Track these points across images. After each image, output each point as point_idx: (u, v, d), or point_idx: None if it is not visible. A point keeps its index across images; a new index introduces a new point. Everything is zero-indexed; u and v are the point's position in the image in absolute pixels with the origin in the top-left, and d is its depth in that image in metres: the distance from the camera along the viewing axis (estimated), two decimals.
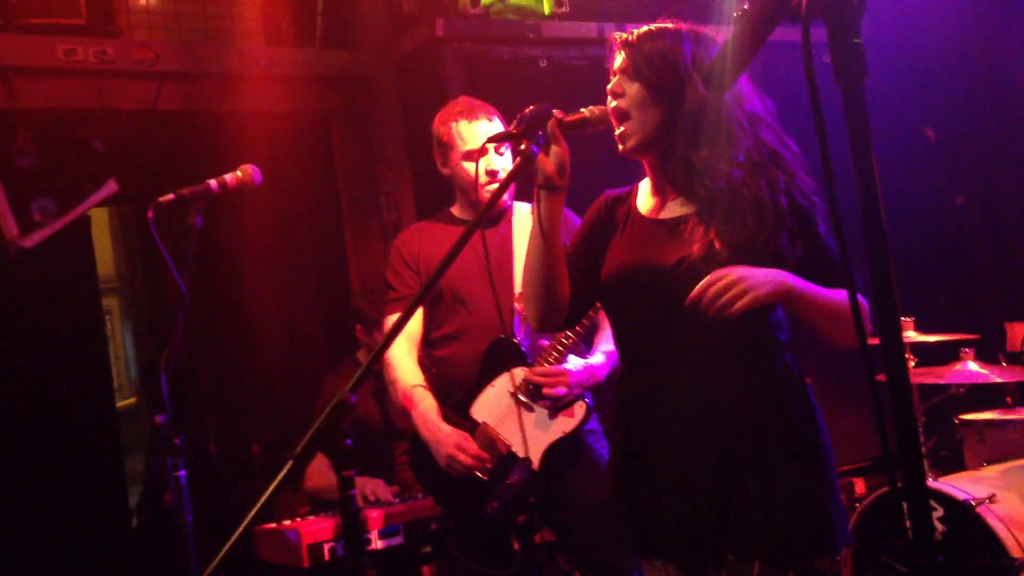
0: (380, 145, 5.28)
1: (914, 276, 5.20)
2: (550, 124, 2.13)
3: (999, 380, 3.94)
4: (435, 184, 4.65)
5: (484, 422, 3.00)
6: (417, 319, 3.19)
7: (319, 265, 5.54)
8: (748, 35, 1.51)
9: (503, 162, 3.10)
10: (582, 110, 2.20)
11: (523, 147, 2.10)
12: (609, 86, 2.23)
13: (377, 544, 3.44)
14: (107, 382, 5.56)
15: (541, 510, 3.01)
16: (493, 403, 3.03)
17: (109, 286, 8.40)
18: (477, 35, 4.98)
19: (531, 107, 2.15)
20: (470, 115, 3.19)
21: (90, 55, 4.61)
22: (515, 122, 2.17)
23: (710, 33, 2.22)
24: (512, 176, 2.11)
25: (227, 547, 1.66)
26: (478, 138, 3.07)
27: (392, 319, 3.16)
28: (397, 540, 3.49)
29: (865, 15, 1.20)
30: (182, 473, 2.66)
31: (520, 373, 3.02)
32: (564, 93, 5.06)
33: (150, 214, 2.77)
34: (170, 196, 2.84)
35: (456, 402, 3.07)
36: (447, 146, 3.19)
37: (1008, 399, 4.29)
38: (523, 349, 3.04)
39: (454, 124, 3.16)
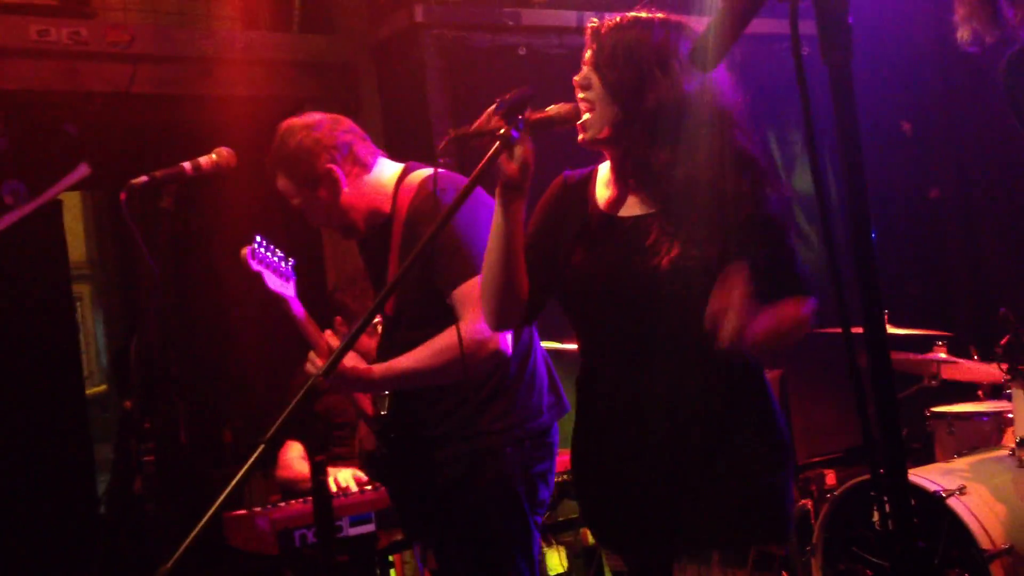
0: None
1: (887, 269, 5.22)
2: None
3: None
4: None
5: None
6: None
7: (294, 253, 5.47)
8: (734, 11, 1.49)
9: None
10: (548, 109, 2.14)
11: (502, 131, 2.06)
12: (576, 77, 2.17)
13: (348, 531, 3.42)
14: (77, 369, 5.50)
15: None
16: None
17: (80, 272, 8.31)
18: (456, 22, 4.96)
19: (512, 91, 2.12)
20: None
21: (63, 36, 4.55)
22: (495, 106, 2.13)
23: (686, 22, 2.15)
24: (488, 160, 2.08)
25: (195, 532, 1.64)
26: None
27: None
28: (368, 528, 3.47)
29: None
30: (151, 458, 2.62)
31: None
32: (542, 81, 5.01)
33: (123, 196, 2.72)
34: (143, 178, 2.79)
35: None
36: None
37: (980, 392, 4.32)
38: None
39: None
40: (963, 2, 2.28)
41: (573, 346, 4.05)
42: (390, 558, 4.00)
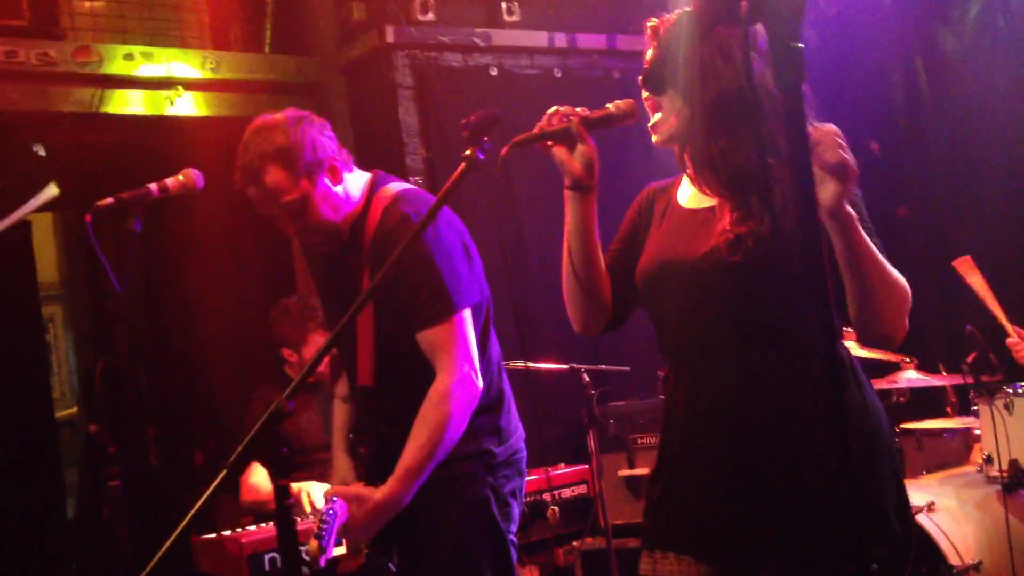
0: None
1: None
2: (574, 123, 2.06)
3: (939, 384, 3.99)
4: None
5: None
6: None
7: (265, 273, 5.48)
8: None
9: None
10: (608, 105, 2.11)
11: (468, 153, 2.05)
12: (641, 77, 2.16)
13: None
14: (46, 391, 5.46)
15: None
16: None
17: (51, 293, 8.25)
18: (427, 42, 4.98)
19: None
20: None
21: (32, 57, 4.54)
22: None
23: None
24: (454, 182, 2.07)
25: (158, 557, 1.63)
26: None
27: None
28: (341, 549, 3.44)
29: (811, 28, 1.21)
30: (117, 483, 2.60)
31: None
32: (514, 101, 5.07)
33: (88, 218, 2.70)
34: (109, 200, 2.76)
35: None
36: None
37: (948, 408, 4.35)
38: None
39: None
40: None
41: (542, 365, 4.05)
42: None
